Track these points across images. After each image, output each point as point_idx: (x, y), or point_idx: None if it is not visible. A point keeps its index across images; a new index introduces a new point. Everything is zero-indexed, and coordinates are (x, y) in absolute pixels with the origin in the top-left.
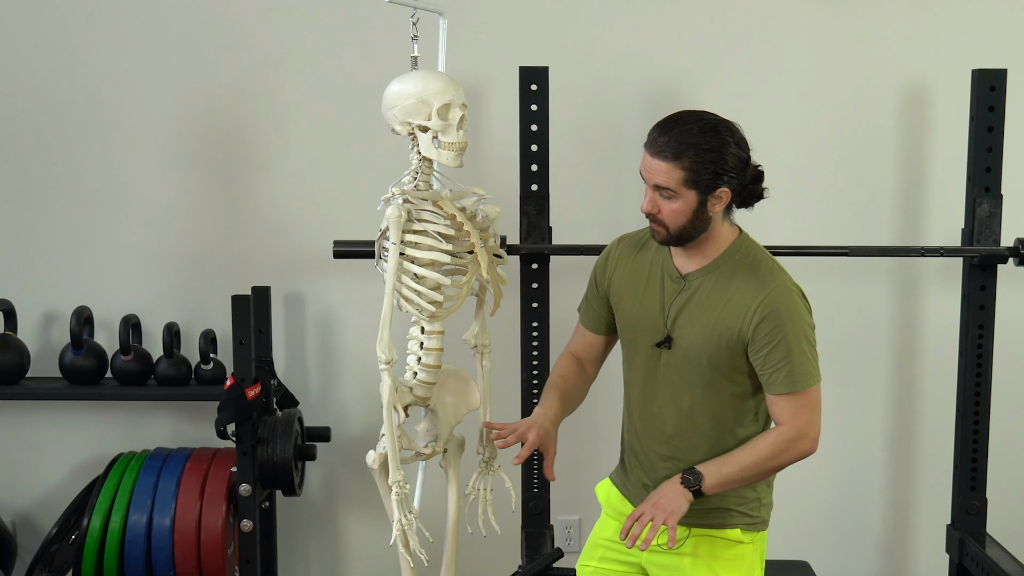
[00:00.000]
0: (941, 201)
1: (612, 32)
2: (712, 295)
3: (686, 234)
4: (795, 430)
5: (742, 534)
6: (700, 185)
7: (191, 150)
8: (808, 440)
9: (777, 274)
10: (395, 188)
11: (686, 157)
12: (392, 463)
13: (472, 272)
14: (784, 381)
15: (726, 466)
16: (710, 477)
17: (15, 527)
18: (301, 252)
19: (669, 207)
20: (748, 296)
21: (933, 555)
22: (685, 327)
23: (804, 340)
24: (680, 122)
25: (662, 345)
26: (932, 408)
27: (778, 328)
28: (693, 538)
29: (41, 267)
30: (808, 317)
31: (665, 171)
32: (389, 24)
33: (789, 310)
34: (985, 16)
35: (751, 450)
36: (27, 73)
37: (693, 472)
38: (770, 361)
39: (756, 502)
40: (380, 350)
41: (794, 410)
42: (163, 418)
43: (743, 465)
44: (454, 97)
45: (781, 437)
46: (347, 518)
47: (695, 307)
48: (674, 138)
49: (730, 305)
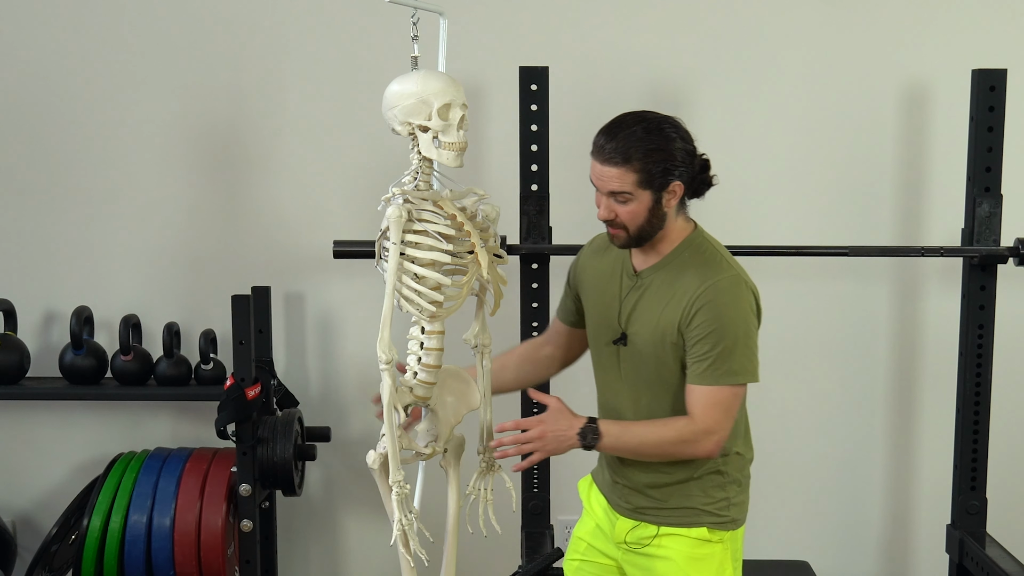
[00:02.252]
0: (941, 201)
1: (612, 32)
2: (661, 291)
3: (645, 233)
4: (704, 426)
5: (709, 533)
6: (653, 184)
7: (191, 150)
8: (712, 442)
9: (725, 267)
10: (395, 188)
11: (635, 159)
12: (392, 463)
13: (472, 272)
14: (705, 372)
15: (626, 436)
16: (607, 439)
17: (15, 527)
18: (301, 252)
19: (626, 210)
20: (692, 288)
21: (933, 555)
22: (637, 324)
23: (739, 335)
24: (624, 125)
25: (618, 342)
26: (932, 408)
27: (713, 319)
28: (661, 537)
29: (41, 267)
30: (751, 316)
31: (618, 176)
32: (389, 24)
33: (730, 302)
34: (985, 16)
35: (656, 430)
36: (27, 73)
37: (595, 432)
38: (696, 350)
39: (724, 502)
40: (380, 350)
41: (708, 405)
42: (163, 418)
43: (643, 442)
44: (454, 97)
45: (688, 428)
46: (347, 518)
47: (646, 303)
48: (621, 142)
49: (675, 299)
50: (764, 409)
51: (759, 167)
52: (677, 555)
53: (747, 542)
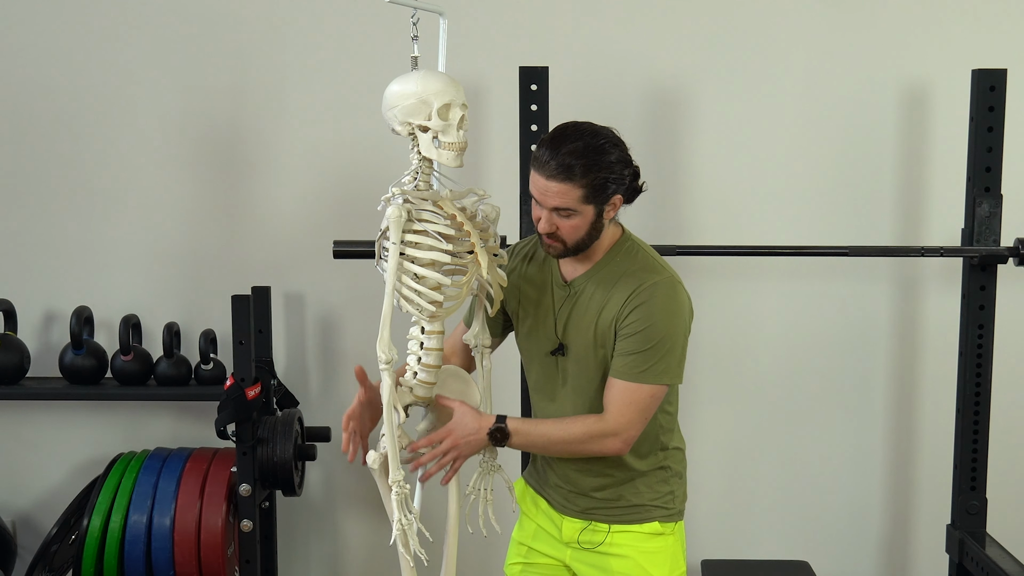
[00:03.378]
0: (941, 201)
1: (612, 32)
2: (594, 298)
3: (583, 244)
4: (614, 425)
5: (661, 526)
6: (596, 199)
7: (191, 150)
8: (620, 440)
9: (660, 269)
10: (395, 188)
11: (579, 175)
12: (392, 463)
13: (472, 272)
14: (628, 368)
15: (534, 435)
16: (516, 436)
17: (15, 527)
18: (301, 252)
19: (568, 224)
20: (626, 291)
21: (933, 555)
22: (573, 332)
23: (665, 337)
24: (566, 139)
25: (556, 352)
26: (932, 408)
27: (645, 317)
28: (614, 534)
29: (41, 267)
30: (685, 318)
31: (562, 192)
32: (389, 24)
33: (663, 305)
34: (985, 16)
35: (565, 427)
36: (27, 73)
37: (503, 431)
38: (623, 346)
39: (670, 495)
40: (380, 350)
41: (624, 403)
42: (163, 418)
43: (551, 439)
44: (454, 97)
45: (597, 426)
46: (347, 518)
47: (579, 312)
48: (564, 158)
49: (611, 302)
50: (764, 409)
51: (759, 167)
52: (632, 551)
53: (747, 542)
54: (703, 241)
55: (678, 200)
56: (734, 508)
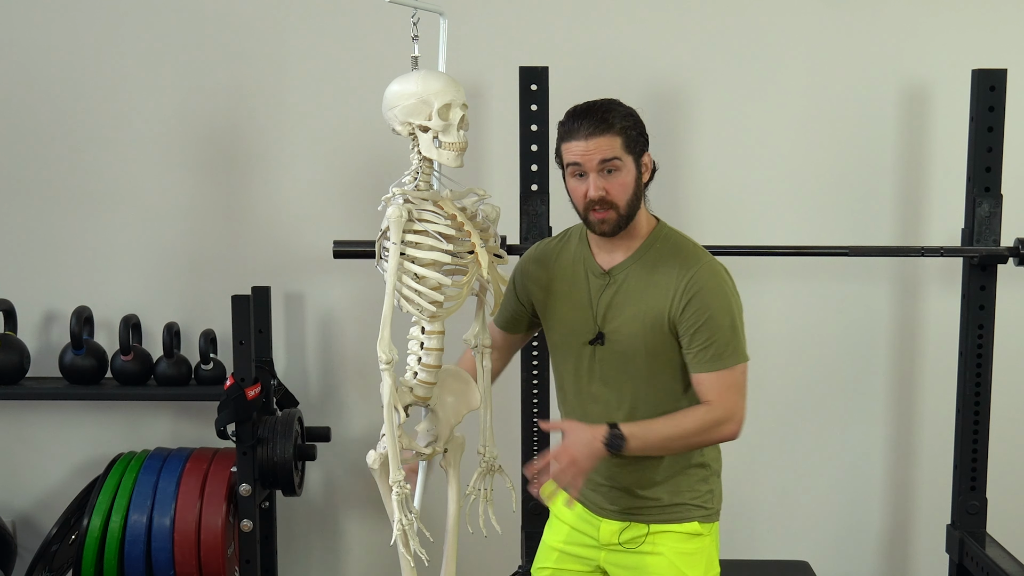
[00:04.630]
0: (941, 201)
1: (612, 32)
2: (638, 285)
3: (632, 210)
4: (723, 411)
5: (699, 526)
6: (634, 149)
7: (191, 150)
8: (734, 423)
9: (701, 255)
10: (395, 188)
11: (616, 123)
12: (392, 463)
13: (472, 272)
14: (711, 359)
15: (651, 435)
16: (633, 441)
17: (15, 527)
18: (301, 252)
19: (616, 182)
20: (674, 278)
21: (933, 555)
22: (615, 321)
23: (731, 318)
24: (588, 106)
25: (595, 342)
26: (932, 408)
27: (705, 307)
28: (652, 535)
29: (41, 267)
30: (735, 297)
31: (604, 144)
32: (389, 24)
33: (715, 289)
34: (985, 16)
35: (677, 423)
36: (27, 74)
37: (618, 436)
38: (697, 340)
39: (709, 494)
40: (380, 350)
41: (721, 389)
42: (163, 418)
43: (667, 436)
44: (455, 97)
45: (709, 415)
46: (347, 518)
47: (622, 299)
48: (596, 115)
49: (657, 290)
50: (764, 409)
51: (759, 167)
52: (668, 551)
53: (747, 542)
54: (703, 241)
55: (678, 200)
56: (734, 508)
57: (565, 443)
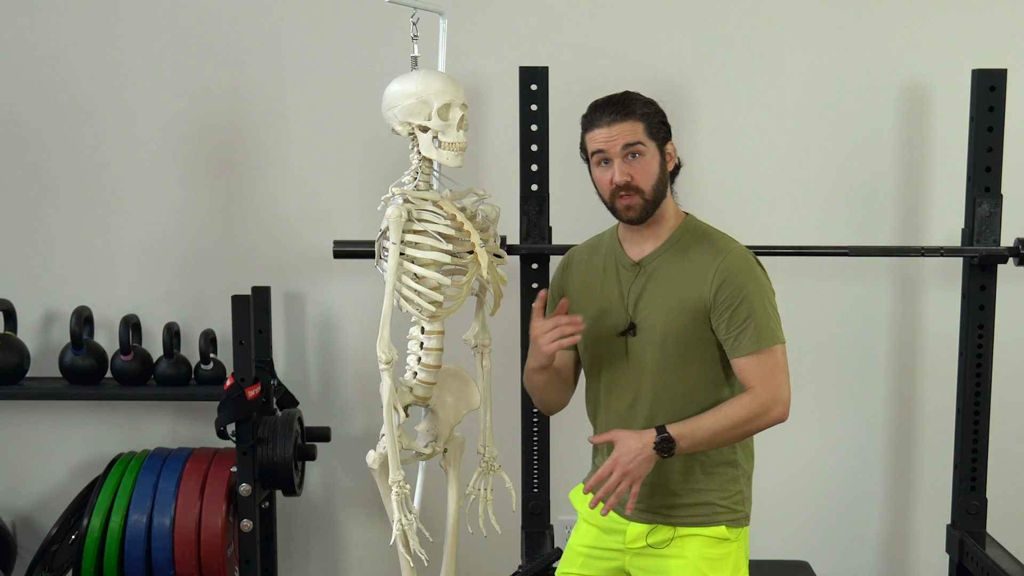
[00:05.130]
0: (941, 201)
1: (612, 32)
2: (669, 273)
3: (657, 195)
4: (768, 394)
5: (727, 531)
6: (657, 135)
7: (191, 150)
8: (781, 405)
9: (731, 241)
10: (395, 188)
11: (638, 110)
12: (392, 463)
13: (472, 272)
14: (750, 340)
15: (699, 431)
16: (682, 441)
17: (15, 527)
18: (301, 252)
19: (641, 166)
20: (705, 264)
21: (933, 555)
22: (646, 310)
23: (766, 299)
24: (611, 96)
25: (626, 333)
26: (932, 408)
27: (739, 289)
28: (679, 538)
29: (41, 267)
30: (767, 280)
31: (629, 128)
32: (389, 24)
33: (747, 271)
34: (985, 16)
35: (725, 414)
36: (27, 74)
37: (667, 440)
38: (734, 322)
39: (739, 495)
40: (380, 350)
41: (764, 371)
42: (163, 418)
43: (716, 430)
44: (454, 97)
45: (755, 401)
46: (347, 518)
47: (653, 288)
48: (618, 103)
49: (688, 276)
50: None
51: (759, 167)
52: (693, 555)
53: None
54: None
55: (678, 200)
56: None
57: (615, 455)
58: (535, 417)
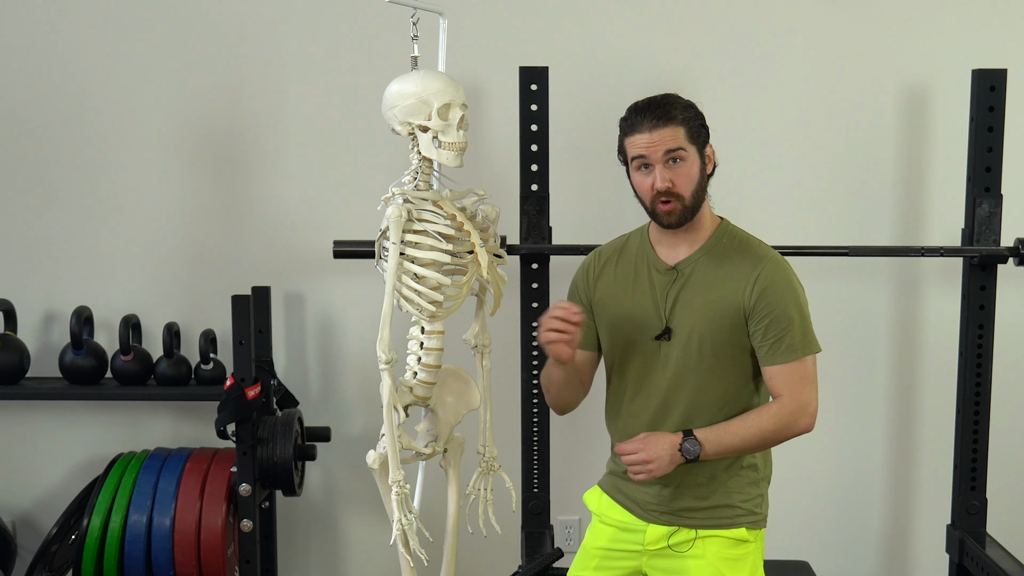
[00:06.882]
0: (941, 201)
1: (612, 32)
2: (706, 278)
3: (697, 201)
4: (796, 404)
5: (747, 533)
6: (698, 138)
7: (191, 150)
8: (808, 415)
9: (768, 250)
10: (395, 188)
11: (679, 115)
12: (392, 463)
13: (472, 272)
14: (786, 350)
15: (727, 437)
16: (708, 446)
17: (15, 527)
18: (301, 252)
19: (682, 172)
20: (744, 271)
21: (933, 555)
22: (683, 314)
23: (802, 310)
24: (651, 100)
25: (661, 337)
26: (932, 408)
27: (776, 301)
28: (700, 539)
29: (41, 267)
30: (802, 290)
31: (671, 134)
32: (389, 24)
33: (784, 282)
34: (985, 16)
35: (753, 422)
36: (27, 73)
37: (694, 443)
38: (772, 331)
39: (759, 498)
40: (380, 350)
41: (794, 382)
42: (163, 418)
43: (744, 437)
44: (454, 97)
45: (784, 410)
46: (347, 518)
47: (691, 293)
48: (659, 108)
49: (727, 283)
50: None
51: (759, 167)
52: (712, 555)
53: None
54: None
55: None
56: None
57: (644, 436)
58: (535, 417)
